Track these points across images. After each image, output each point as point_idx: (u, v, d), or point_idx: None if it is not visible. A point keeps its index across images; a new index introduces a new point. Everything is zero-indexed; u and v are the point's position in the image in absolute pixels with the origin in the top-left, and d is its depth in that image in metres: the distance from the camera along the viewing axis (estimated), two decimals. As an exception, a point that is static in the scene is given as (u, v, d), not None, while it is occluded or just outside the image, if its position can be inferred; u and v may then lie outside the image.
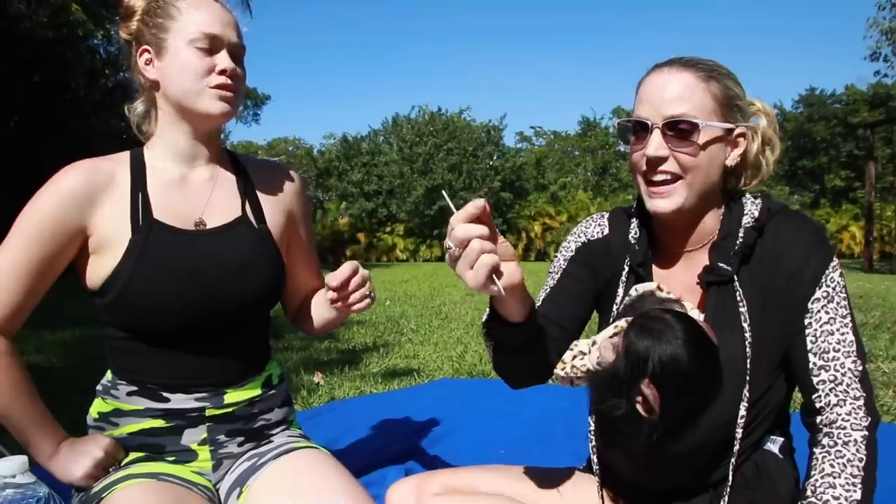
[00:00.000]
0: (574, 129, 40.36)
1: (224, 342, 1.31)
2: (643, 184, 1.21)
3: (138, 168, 1.29)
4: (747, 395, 1.14)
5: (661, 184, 1.18)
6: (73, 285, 1.32)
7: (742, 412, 1.14)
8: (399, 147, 30.18)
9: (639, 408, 1.04)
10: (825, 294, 1.15)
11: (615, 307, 1.26)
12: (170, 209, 1.28)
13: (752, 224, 1.19)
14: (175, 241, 1.26)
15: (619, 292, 1.27)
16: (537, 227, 27.66)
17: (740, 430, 1.14)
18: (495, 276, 0.93)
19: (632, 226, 1.30)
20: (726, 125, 1.17)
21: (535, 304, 1.16)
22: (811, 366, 1.14)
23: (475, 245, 0.91)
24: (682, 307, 1.13)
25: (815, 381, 1.14)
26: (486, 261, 0.91)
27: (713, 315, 1.16)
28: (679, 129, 1.14)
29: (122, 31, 1.32)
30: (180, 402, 1.29)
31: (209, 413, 1.31)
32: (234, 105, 1.28)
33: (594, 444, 1.27)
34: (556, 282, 1.35)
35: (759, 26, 79.81)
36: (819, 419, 1.14)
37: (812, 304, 1.15)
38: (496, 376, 1.26)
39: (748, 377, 1.14)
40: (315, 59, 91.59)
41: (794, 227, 1.18)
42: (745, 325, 1.15)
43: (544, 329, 1.16)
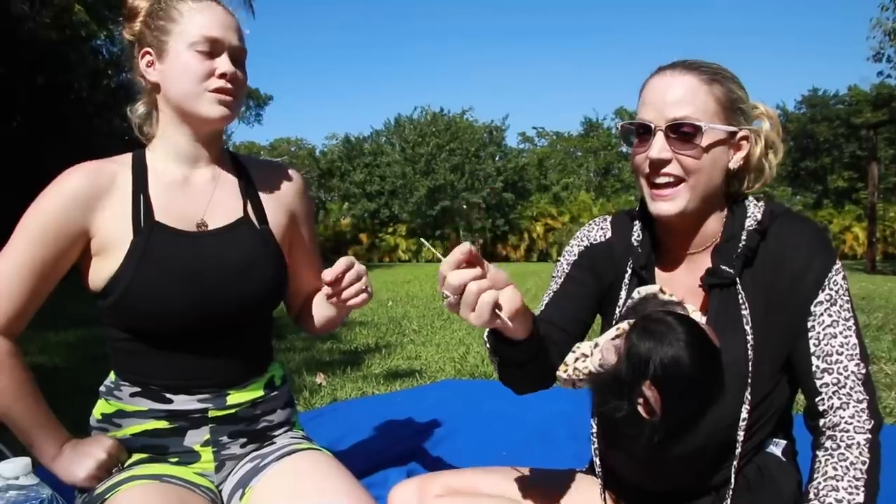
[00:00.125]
0: (576, 130, 40.37)
1: (226, 343, 1.32)
2: (646, 186, 1.21)
3: (140, 170, 1.29)
4: (749, 397, 1.14)
5: (664, 186, 1.18)
6: (76, 286, 1.32)
7: (744, 415, 1.14)
8: (401, 147, 30.20)
9: (640, 410, 1.04)
10: (828, 297, 1.15)
11: (618, 310, 1.26)
12: (171, 211, 1.28)
13: (754, 227, 1.19)
14: (177, 242, 1.26)
15: (622, 295, 1.26)
16: (539, 228, 27.66)
17: (742, 433, 1.14)
18: (497, 310, 0.94)
19: (634, 228, 1.30)
20: (729, 128, 1.17)
21: (537, 315, 1.16)
22: (814, 369, 1.14)
23: (472, 288, 0.92)
24: (685, 310, 1.13)
25: (818, 384, 1.14)
26: (487, 299, 0.92)
27: (715, 317, 1.16)
28: (682, 131, 1.14)
29: (126, 32, 1.32)
30: (183, 403, 1.29)
31: (212, 414, 1.31)
32: (233, 109, 1.28)
33: (596, 446, 1.27)
34: (560, 286, 1.35)
35: (762, 27, 79.85)
36: (822, 422, 1.14)
37: (815, 306, 1.15)
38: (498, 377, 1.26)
39: (750, 380, 1.14)
40: (317, 60, 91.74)
41: (797, 230, 1.18)
42: (748, 327, 1.15)
43: (547, 338, 1.16)
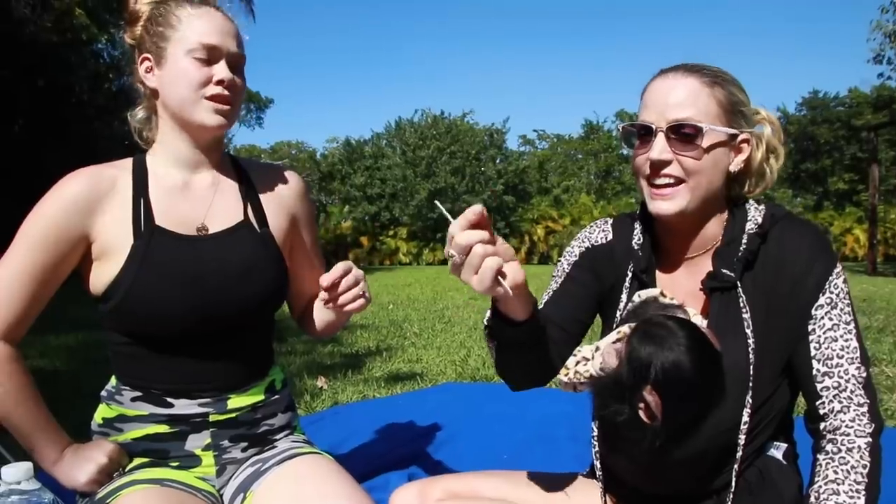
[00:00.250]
0: (577, 133, 40.20)
1: (227, 347, 1.32)
2: (646, 187, 1.21)
3: (140, 174, 1.29)
4: (750, 401, 1.14)
5: (664, 186, 1.18)
6: (77, 289, 1.32)
7: (745, 418, 1.14)
8: (402, 151, 30.18)
9: (641, 414, 1.04)
10: (829, 300, 1.15)
11: (618, 313, 1.26)
12: (172, 215, 1.28)
13: (755, 230, 1.19)
14: (177, 246, 1.26)
15: (623, 298, 1.26)
16: (540, 231, 27.60)
17: (743, 436, 1.14)
18: (500, 277, 0.94)
19: (635, 231, 1.30)
20: (730, 130, 1.17)
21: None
22: (815, 372, 1.14)
23: (478, 250, 0.92)
24: (686, 313, 1.13)
25: (819, 387, 1.14)
26: (491, 264, 0.92)
27: (716, 321, 1.16)
28: (683, 132, 1.15)
29: (127, 37, 1.32)
30: (184, 407, 1.29)
31: (213, 418, 1.31)
32: (229, 117, 1.28)
33: (597, 449, 1.27)
34: (560, 285, 1.35)
35: (762, 29, 79.87)
36: (823, 425, 1.14)
37: (816, 310, 1.15)
38: (499, 380, 1.26)
39: (751, 383, 1.14)
40: (318, 63, 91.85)
41: (798, 233, 1.18)
42: (749, 331, 1.15)
43: (547, 328, 1.16)
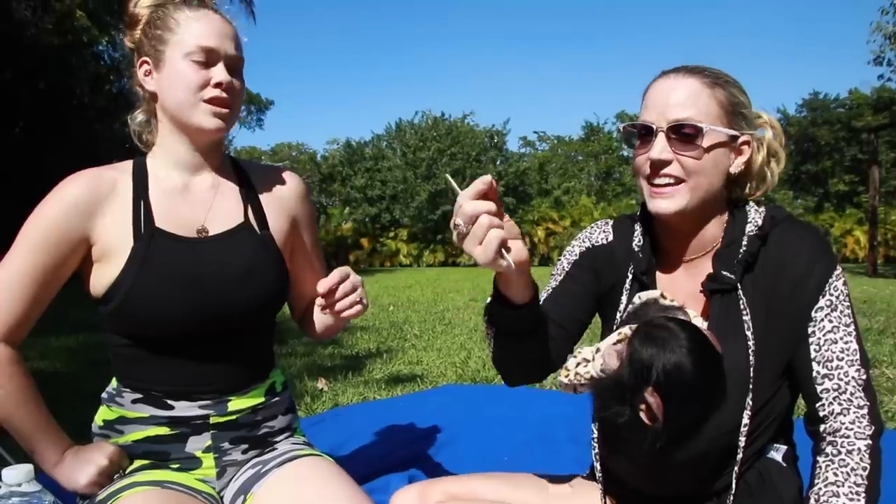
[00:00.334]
0: (577, 134, 40.19)
1: (227, 349, 1.32)
2: (646, 186, 1.21)
3: (140, 176, 1.29)
4: (751, 403, 1.14)
5: (664, 186, 1.18)
6: (78, 291, 1.32)
7: (745, 420, 1.14)
8: (402, 152, 30.21)
9: (642, 416, 1.04)
10: (829, 302, 1.15)
11: (618, 314, 1.26)
12: (172, 217, 1.28)
13: (755, 232, 1.19)
14: (177, 248, 1.26)
15: (623, 299, 1.26)
16: (540, 232, 27.61)
17: (743, 438, 1.14)
18: (504, 250, 0.94)
19: (635, 233, 1.30)
20: (731, 131, 1.17)
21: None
22: (815, 374, 1.14)
23: (484, 220, 0.92)
24: (686, 315, 1.13)
25: (819, 389, 1.14)
26: (495, 234, 0.92)
27: (717, 323, 1.16)
28: (683, 132, 1.15)
29: (127, 40, 1.33)
30: (184, 409, 1.29)
31: (213, 420, 1.31)
32: (227, 120, 1.28)
33: (597, 451, 1.27)
34: (559, 283, 1.35)
35: (762, 31, 79.90)
36: (822, 428, 1.14)
37: (815, 312, 1.15)
38: (500, 382, 1.26)
39: (751, 385, 1.14)
40: (318, 65, 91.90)
41: (798, 236, 1.18)
42: (749, 333, 1.15)
43: (546, 319, 1.16)
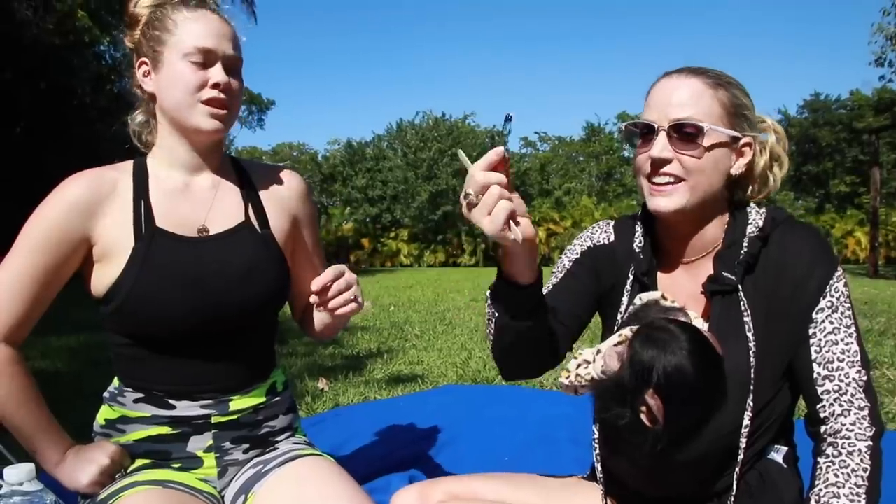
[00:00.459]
0: (578, 135, 40.13)
1: (229, 349, 1.32)
2: (646, 185, 1.21)
3: (141, 176, 1.30)
4: (751, 404, 1.14)
5: (664, 184, 1.18)
6: (79, 290, 1.32)
7: (746, 421, 1.14)
8: (403, 152, 30.24)
9: (643, 417, 1.04)
10: (829, 304, 1.15)
11: (619, 315, 1.26)
12: (172, 217, 1.28)
13: (756, 233, 1.19)
14: (178, 248, 1.26)
15: (624, 301, 1.27)
16: (541, 233, 27.58)
17: (744, 440, 1.14)
18: (512, 222, 0.94)
19: (636, 234, 1.30)
20: (732, 132, 1.18)
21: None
22: (815, 376, 1.14)
23: (494, 191, 0.92)
24: (687, 316, 1.13)
25: (820, 391, 1.14)
26: (505, 206, 0.92)
27: (717, 324, 1.16)
28: (684, 131, 1.15)
29: (127, 40, 1.33)
30: (186, 409, 1.29)
31: (215, 420, 1.31)
32: (226, 121, 1.28)
33: (598, 452, 1.27)
34: (560, 280, 1.35)
35: (764, 31, 79.84)
36: (823, 429, 1.14)
37: (816, 313, 1.15)
38: (500, 382, 1.26)
39: (752, 387, 1.14)
40: (320, 65, 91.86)
41: (799, 237, 1.18)
42: (750, 334, 1.15)
43: (547, 304, 1.16)
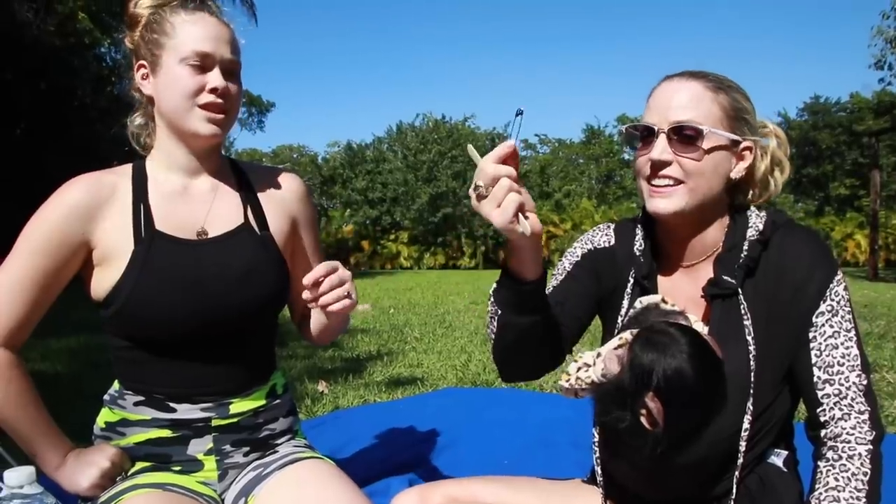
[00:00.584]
0: (578, 137, 40.14)
1: (229, 351, 1.32)
2: (646, 187, 1.21)
3: (140, 180, 1.30)
4: (751, 408, 1.14)
5: (663, 186, 1.18)
6: (79, 293, 1.32)
7: (746, 425, 1.14)
8: (403, 155, 30.25)
9: (643, 421, 1.04)
10: (829, 308, 1.15)
11: (619, 318, 1.26)
12: (171, 220, 1.28)
13: (756, 237, 1.19)
14: (177, 251, 1.26)
15: (624, 304, 1.27)
16: (541, 235, 27.64)
17: (744, 443, 1.14)
18: (521, 215, 0.94)
19: (637, 237, 1.31)
20: (732, 136, 1.18)
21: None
22: (815, 379, 1.14)
23: (504, 183, 0.93)
24: (687, 320, 1.13)
25: (820, 394, 1.14)
26: (514, 198, 0.93)
27: (717, 328, 1.16)
28: (684, 134, 1.15)
29: (127, 41, 1.33)
30: (186, 412, 1.29)
31: (215, 423, 1.31)
32: (223, 125, 1.27)
33: (598, 455, 1.27)
34: (560, 282, 1.35)
35: (764, 34, 79.88)
36: (823, 433, 1.14)
37: (816, 317, 1.15)
38: (500, 385, 1.26)
39: (752, 390, 1.14)
40: (319, 67, 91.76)
41: (799, 240, 1.18)
42: (750, 338, 1.15)
43: (549, 303, 1.16)
